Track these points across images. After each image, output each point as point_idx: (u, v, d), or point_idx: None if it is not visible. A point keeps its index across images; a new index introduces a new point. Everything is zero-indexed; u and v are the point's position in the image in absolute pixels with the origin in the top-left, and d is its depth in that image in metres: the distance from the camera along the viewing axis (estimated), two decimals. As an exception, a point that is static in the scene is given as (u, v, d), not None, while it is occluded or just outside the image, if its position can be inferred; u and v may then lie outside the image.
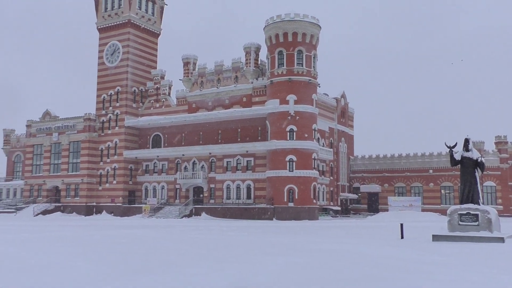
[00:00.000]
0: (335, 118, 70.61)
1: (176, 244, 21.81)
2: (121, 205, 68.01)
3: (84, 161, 71.05)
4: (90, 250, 19.01)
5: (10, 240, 24.02)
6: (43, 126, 75.84)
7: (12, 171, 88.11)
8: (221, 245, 21.43)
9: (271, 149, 57.69)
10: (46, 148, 75.13)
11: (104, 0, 73.14)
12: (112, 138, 70.63)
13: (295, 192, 56.21)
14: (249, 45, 62.54)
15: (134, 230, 33.58)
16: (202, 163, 64.96)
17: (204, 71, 66.44)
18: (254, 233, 30.19)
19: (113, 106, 70.91)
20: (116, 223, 47.34)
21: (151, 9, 74.20)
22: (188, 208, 61.87)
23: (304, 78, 57.78)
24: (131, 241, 23.77)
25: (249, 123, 62.60)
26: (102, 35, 73.17)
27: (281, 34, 57.61)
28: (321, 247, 19.74)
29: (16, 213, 69.50)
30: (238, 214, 58.14)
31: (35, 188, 75.52)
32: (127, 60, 70.17)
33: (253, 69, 62.33)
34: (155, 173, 69.38)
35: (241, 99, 63.39)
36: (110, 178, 70.27)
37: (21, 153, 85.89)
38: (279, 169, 56.91)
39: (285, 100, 57.37)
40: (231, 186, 62.48)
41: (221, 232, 30.96)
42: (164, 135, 69.54)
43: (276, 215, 55.86)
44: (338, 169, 70.16)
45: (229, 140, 63.36)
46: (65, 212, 70.81)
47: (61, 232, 31.22)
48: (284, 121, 57.26)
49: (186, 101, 67.70)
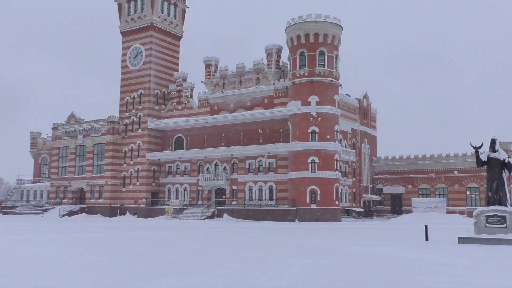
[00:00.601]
0: (357, 119, 70.07)
1: (199, 246, 21.91)
2: (144, 207, 68.68)
3: (108, 163, 72.02)
4: (114, 251, 19.23)
5: (38, 241, 24.46)
6: (68, 129, 77.18)
7: (39, 173, 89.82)
8: (244, 246, 21.45)
9: (293, 150, 57.55)
10: (71, 150, 76.39)
11: (127, 4, 74.10)
12: (135, 140, 71.43)
13: (318, 194, 55.93)
14: (270, 47, 62.54)
15: (157, 231, 33.86)
16: (224, 164, 65.17)
17: (226, 73, 66.69)
18: (276, 235, 30.14)
19: (136, 108, 71.71)
20: (140, 224, 47.81)
21: (173, 12, 74.84)
22: (210, 210, 62.14)
23: (326, 79, 57.48)
24: (154, 242, 23.98)
25: (271, 124, 62.57)
26: (125, 38, 74.11)
27: (303, 35, 57.45)
28: (345, 249, 19.59)
29: (42, 214, 70.80)
30: (260, 215, 58.13)
31: (61, 190, 76.85)
32: (149, 63, 70.90)
33: (274, 71, 62.30)
34: (178, 174, 69.88)
35: (262, 100, 63.40)
36: (133, 180, 71.04)
37: (47, 155, 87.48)
38: (301, 171, 56.72)
39: (307, 101, 57.16)
40: (253, 187, 62.52)
41: (244, 234, 30.99)
42: (186, 137, 70.02)
43: (299, 217, 55.66)
44: (360, 170, 69.58)
45: (251, 142, 63.42)
46: (89, 213, 71.86)
47: (86, 233, 31.67)
48: (306, 122, 57.06)
49: (208, 103, 68.03)
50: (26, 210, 76.39)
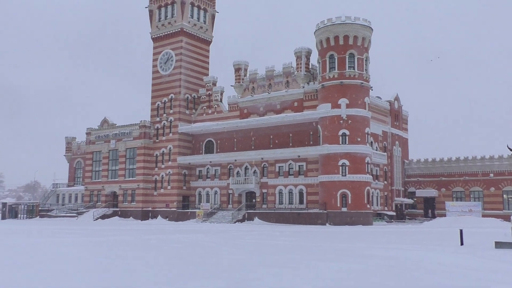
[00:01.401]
0: (388, 122, 69.15)
1: (230, 249, 22.03)
2: (176, 210, 69.38)
3: (140, 167, 73.10)
4: (147, 254, 19.52)
5: (73, 244, 25.04)
6: (101, 134, 78.74)
7: (74, 177, 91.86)
8: (276, 250, 21.45)
9: (323, 153, 57.20)
10: (105, 154, 77.91)
11: (158, 11, 75.25)
12: (166, 145, 72.32)
13: (348, 197, 55.42)
14: (299, 50, 62.43)
15: (189, 234, 34.18)
16: (254, 168, 65.29)
17: (255, 77, 66.89)
18: (307, 238, 30.02)
19: (167, 113, 72.63)
20: (171, 227, 48.34)
21: (202, 17, 75.59)
22: (241, 213, 62.31)
23: (356, 81, 56.98)
24: (186, 245, 24.23)
25: (301, 127, 62.36)
26: (156, 44, 75.24)
27: (332, 38, 57.13)
28: (377, 253, 19.37)
29: (77, 218, 72.35)
30: (290, 219, 57.95)
31: (95, 194, 78.43)
32: (180, 68, 71.74)
33: (304, 74, 62.14)
34: (208, 178, 70.37)
35: (292, 103, 63.31)
36: (164, 183, 71.90)
37: (81, 159, 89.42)
38: (332, 174, 56.30)
39: (337, 104, 56.76)
40: (283, 191, 62.43)
41: (275, 237, 30.98)
42: (216, 140, 70.47)
43: (329, 220, 55.28)
44: (392, 173, 68.60)
45: (281, 145, 63.34)
46: (122, 216, 73.03)
47: (120, 236, 32.23)
48: (336, 125, 56.65)
49: (237, 106, 68.36)
50: (61, 213, 78.25)
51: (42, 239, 28.34)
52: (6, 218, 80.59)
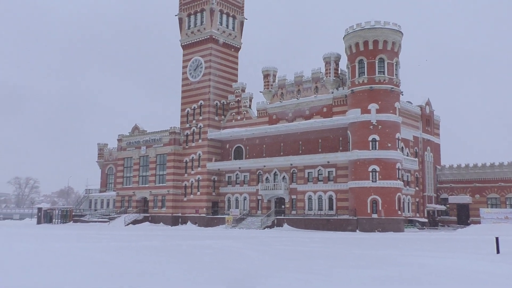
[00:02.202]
0: (419, 127, 68.03)
1: (259, 255, 21.98)
2: (205, 216, 69.76)
3: (170, 173, 73.88)
4: (178, 260, 19.66)
5: (106, 249, 25.43)
6: (132, 140, 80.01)
7: (105, 183, 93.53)
8: (305, 256, 21.31)
9: (353, 159, 56.66)
10: (135, 161, 79.08)
11: (187, 18, 76.21)
12: (195, 151, 72.93)
13: (379, 203, 54.68)
14: (328, 55, 62.15)
15: (218, 240, 34.27)
16: (283, 174, 65.15)
17: (284, 83, 66.88)
18: (337, 245, 29.72)
19: (196, 119, 73.29)
20: (201, 233, 48.57)
21: (231, 24, 76.17)
22: (270, 219, 62.20)
23: (386, 86, 56.32)
24: (215, 251, 24.30)
25: (330, 133, 61.96)
26: (185, 51, 76.15)
27: (361, 43, 56.68)
28: (410, 261, 19.01)
29: (109, 223, 73.54)
30: (320, 225, 57.53)
31: (126, 199, 79.63)
32: (209, 75, 72.37)
33: (333, 79, 61.79)
34: (237, 184, 70.58)
35: (321, 109, 63.00)
36: (194, 189, 72.45)
37: (113, 165, 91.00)
38: (362, 180, 55.69)
39: (367, 109, 56.21)
40: (312, 197, 62.06)
41: (304, 244, 30.78)
42: (245, 146, 70.67)
43: (360, 227, 54.62)
44: (424, 179, 67.37)
45: (310, 151, 63.04)
46: (152, 222, 73.84)
47: (151, 241, 32.57)
48: (366, 130, 56.07)
49: (266, 112, 68.43)
50: (94, 219, 79.66)
51: (77, 244, 28.89)
52: (41, 222, 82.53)
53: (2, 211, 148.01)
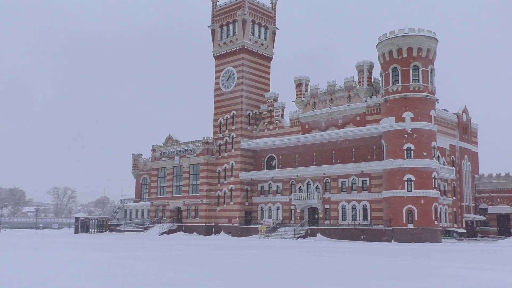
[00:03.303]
0: (456, 135, 66.46)
1: (293, 265, 21.81)
2: (238, 226, 69.80)
3: (203, 183, 74.37)
4: (212, 270, 19.70)
5: (141, 258, 25.72)
6: (166, 150, 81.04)
7: (140, 193, 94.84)
8: (340, 267, 21.01)
9: (387, 168, 55.76)
10: (169, 171, 80.00)
11: (220, 29, 77.03)
12: (228, 160, 73.26)
13: (415, 213, 53.53)
14: (361, 63, 61.62)
15: (252, 250, 34.22)
16: (317, 183, 64.68)
17: (316, 92, 66.61)
18: (373, 256, 29.20)
19: (229, 129, 73.70)
20: (234, 243, 48.62)
21: (263, 34, 76.53)
22: (303, 229, 61.73)
23: (421, 94, 55.36)
24: (249, 261, 24.25)
25: (364, 142, 61.24)
26: (218, 62, 76.87)
27: (395, 50, 55.96)
28: (449, 272, 18.49)
29: (143, 232, 74.44)
30: (354, 235, 56.72)
31: (160, 209, 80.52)
32: (241, 85, 72.78)
33: (366, 87, 61.17)
34: (270, 194, 70.42)
35: (354, 118, 62.40)
36: (227, 199, 72.68)
37: (147, 175, 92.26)
38: (397, 189, 54.71)
39: (401, 117, 55.33)
40: (346, 206, 61.32)
41: (339, 254, 30.39)
42: (278, 156, 70.55)
43: (395, 237, 53.57)
44: (461, 188, 65.64)
45: (343, 160, 62.43)
46: (186, 231, 74.32)
47: (185, 251, 32.80)
48: (401, 139, 55.16)
49: (299, 122, 68.24)
50: (129, 228, 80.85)
51: (115, 254, 29.34)
52: (78, 232, 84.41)
53: (42, 221, 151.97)
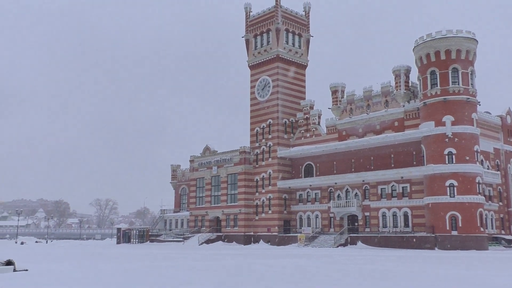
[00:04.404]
0: (500, 138, 64.39)
1: (335, 274, 21.55)
2: (277, 234, 69.60)
3: (241, 192, 74.63)
4: (253, 279, 19.68)
5: (183, 268, 25.97)
6: (203, 161, 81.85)
7: (179, 203, 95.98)
8: (382, 276, 20.61)
9: (428, 174, 54.52)
10: (207, 181, 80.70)
11: (254, 39, 77.55)
12: (266, 169, 73.31)
13: (458, 220, 52.05)
14: (398, 68, 60.72)
15: (291, 259, 34.01)
16: (355, 190, 63.87)
17: (353, 98, 66.00)
18: (417, 264, 28.51)
19: (265, 138, 73.83)
20: (273, 252, 48.48)
21: (297, 42, 76.54)
22: (343, 237, 60.98)
23: (461, 97, 54.01)
24: (289, 270, 24.10)
25: (403, 147, 60.14)
26: (253, 71, 77.30)
27: (433, 53, 54.90)
28: (501, 282, 17.83)
29: (183, 242, 75.22)
30: (396, 243, 55.60)
31: (199, 219, 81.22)
32: (277, 93, 72.89)
33: (403, 92, 60.19)
34: (309, 202, 69.98)
35: (392, 123, 61.42)
36: (265, 208, 72.64)
37: (186, 186, 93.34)
38: (438, 195, 53.39)
39: (441, 121, 54.11)
40: (386, 213, 60.24)
41: (380, 262, 29.83)
42: (315, 164, 70.12)
43: (438, 245, 52.19)
44: (508, 193, 63.42)
45: (382, 167, 61.46)
46: (225, 241, 74.66)
47: (224, 260, 32.92)
48: (441, 144, 53.90)
49: (336, 129, 67.70)
50: (169, 238, 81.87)
51: (157, 263, 29.75)
52: (120, 242, 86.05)
53: (85, 232, 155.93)
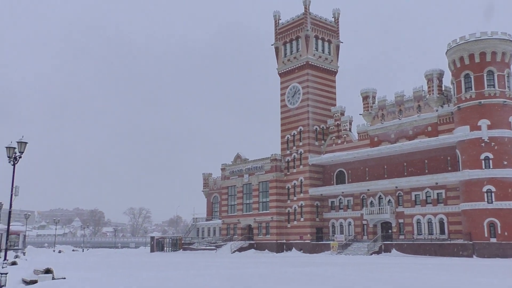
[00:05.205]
0: (539, 141, 62.34)
1: (370, 283, 21.24)
2: (310, 242, 69.11)
3: (273, 199, 74.53)
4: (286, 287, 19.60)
5: (217, 276, 26.09)
6: (235, 169, 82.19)
7: (211, 211, 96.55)
8: (422, 285, 20.19)
9: (464, 179, 53.25)
10: (239, 189, 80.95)
11: (283, 47, 77.72)
12: (297, 177, 73.04)
13: (497, 226, 50.55)
14: (430, 72, 59.74)
15: (325, 267, 33.71)
16: (389, 197, 62.90)
17: (384, 103, 65.23)
18: (457, 272, 27.83)
19: (296, 145, 73.63)
20: (306, 260, 48.15)
21: (327, 49, 76.28)
22: (376, 245, 60.08)
23: (498, 100, 52.67)
24: (323, 278, 23.89)
25: (437, 153, 58.98)
26: (282, 79, 77.39)
27: (466, 56, 53.82)
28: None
29: (216, 250, 75.52)
30: (431, 250, 54.41)
31: (231, 227, 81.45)
32: (307, 100, 72.69)
33: (437, 96, 59.12)
34: (341, 209, 69.28)
35: (425, 128, 60.37)
36: (297, 215, 72.28)
37: (217, 194, 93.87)
38: (475, 201, 52.02)
39: (477, 126, 52.86)
40: (421, 220, 59.05)
41: (417, 271, 29.24)
42: (347, 170, 69.47)
43: (476, 252, 50.80)
44: (548, 198, 61.25)
45: (416, 172, 60.38)
46: (258, 249, 74.59)
47: (257, 268, 32.89)
48: (477, 148, 52.60)
49: (367, 135, 66.98)
50: (201, 246, 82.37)
51: (191, 272, 29.98)
52: (154, 251, 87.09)
53: (120, 240, 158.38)
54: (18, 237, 69.67)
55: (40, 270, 23.14)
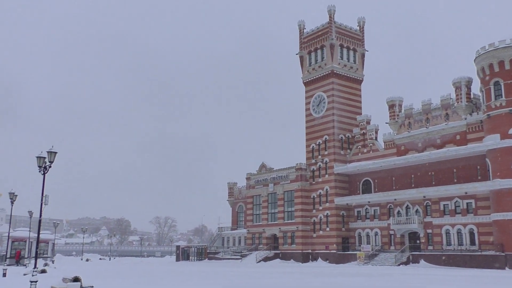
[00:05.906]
0: None
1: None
2: (336, 252, 68.33)
3: (298, 209, 74.09)
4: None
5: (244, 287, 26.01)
6: (260, 178, 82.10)
7: (236, 221, 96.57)
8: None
9: (495, 189, 51.96)
10: (264, 198, 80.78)
11: (308, 56, 77.64)
12: (323, 186, 72.49)
13: (530, 237, 49.09)
14: (458, 80, 58.76)
15: (351, 278, 33.27)
16: (416, 207, 61.81)
17: (411, 112, 64.37)
18: (491, 285, 27.08)
19: (321, 154, 73.17)
20: (332, 270, 47.62)
21: (352, 57, 75.87)
22: (404, 255, 59.00)
23: (528, 107, 51.41)
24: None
25: (465, 162, 57.80)
26: (307, 88, 77.20)
27: (496, 63, 52.78)
28: None
29: (241, 260, 75.36)
30: (461, 262, 53.13)
31: (256, 236, 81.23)
32: (332, 109, 72.29)
33: (465, 104, 58.06)
34: (367, 219, 68.38)
35: (453, 137, 59.28)
36: (323, 225, 71.64)
37: (243, 203, 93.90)
38: (507, 211, 50.64)
39: (507, 134, 51.63)
40: (450, 231, 57.79)
41: (447, 282, 28.59)
42: (373, 180, 68.62)
43: (509, 264, 49.35)
44: None
45: (444, 182, 59.23)
46: (283, 259, 74.12)
47: (282, 279, 32.67)
48: (509, 157, 51.29)
49: (394, 144, 66.14)
50: (227, 256, 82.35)
51: (218, 281, 29.99)
52: (180, 260, 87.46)
53: (146, 249, 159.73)
54: (47, 245, 70.98)
55: (69, 278, 23.45)
